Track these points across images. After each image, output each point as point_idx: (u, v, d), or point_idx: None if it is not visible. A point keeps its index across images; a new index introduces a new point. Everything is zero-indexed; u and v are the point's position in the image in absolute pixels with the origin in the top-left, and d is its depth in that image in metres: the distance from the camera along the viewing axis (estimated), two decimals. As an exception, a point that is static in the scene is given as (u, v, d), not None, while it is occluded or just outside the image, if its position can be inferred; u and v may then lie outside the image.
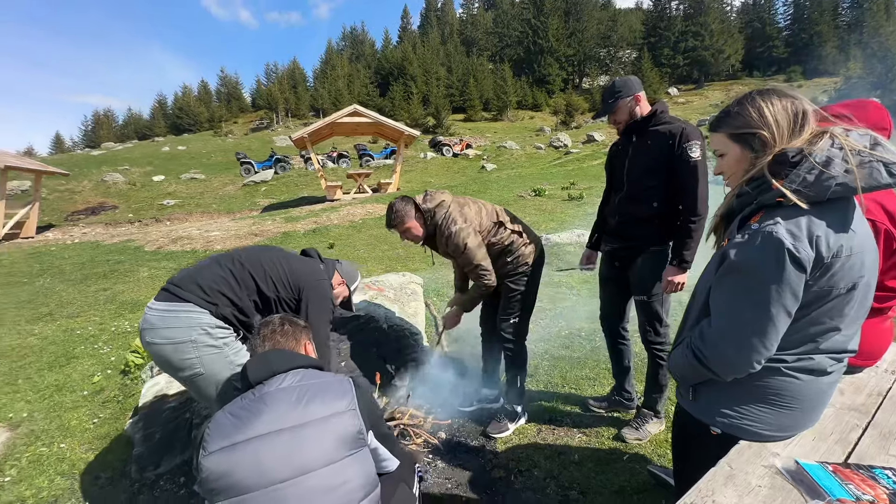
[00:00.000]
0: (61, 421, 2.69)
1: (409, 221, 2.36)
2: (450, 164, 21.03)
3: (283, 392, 1.27)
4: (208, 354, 1.72)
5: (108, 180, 18.88)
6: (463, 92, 46.48)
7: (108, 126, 57.69)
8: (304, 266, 2.02)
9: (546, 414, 2.66)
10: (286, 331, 1.49)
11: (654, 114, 2.13)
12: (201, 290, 1.76)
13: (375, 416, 1.40)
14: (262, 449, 1.16)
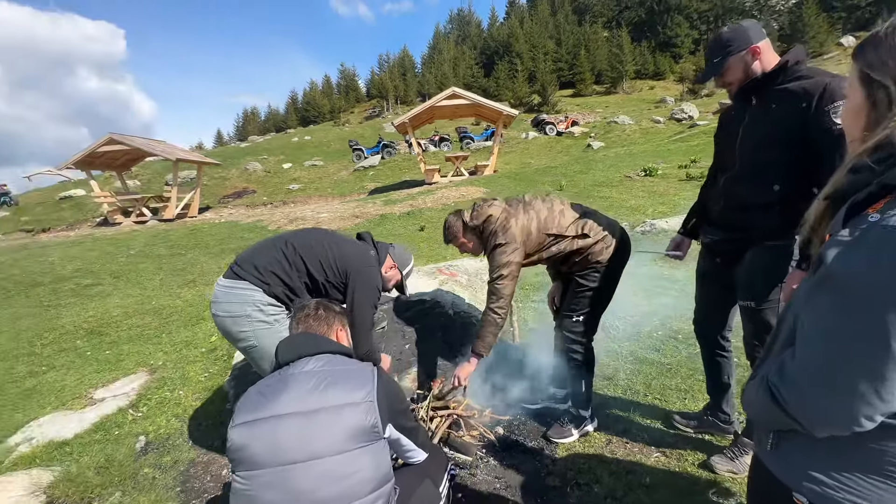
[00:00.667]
0: (183, 371, 3.23)
1: (461, 237, 2.33)
2: (552, 143, 19.98)
3: (304, 375, 1.29)
4: (261, 329, 1.86)
5: (250, 169, 22.13)
6: (573, 65, 43.51)
7: (253, 121, 67.59)
8: (354, 251, 2.05)
9: (620, 424, 2.36)
10: (319, 315, 1.51)
11: (783, 68, 1.61)
12: (256, 270, 1.89)
13: (397, 409, 1.36)
14: (278, 428, 1.19)
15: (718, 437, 2.16)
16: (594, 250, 2.16)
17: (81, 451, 2.39)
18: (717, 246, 1.92)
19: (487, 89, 44.36)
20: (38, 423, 2.70)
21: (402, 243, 2.80)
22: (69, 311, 5.08)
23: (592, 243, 2.15)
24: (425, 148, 20.93)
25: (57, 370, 3.58)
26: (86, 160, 14.08)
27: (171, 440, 2.50)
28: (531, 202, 2.26)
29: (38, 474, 2.18)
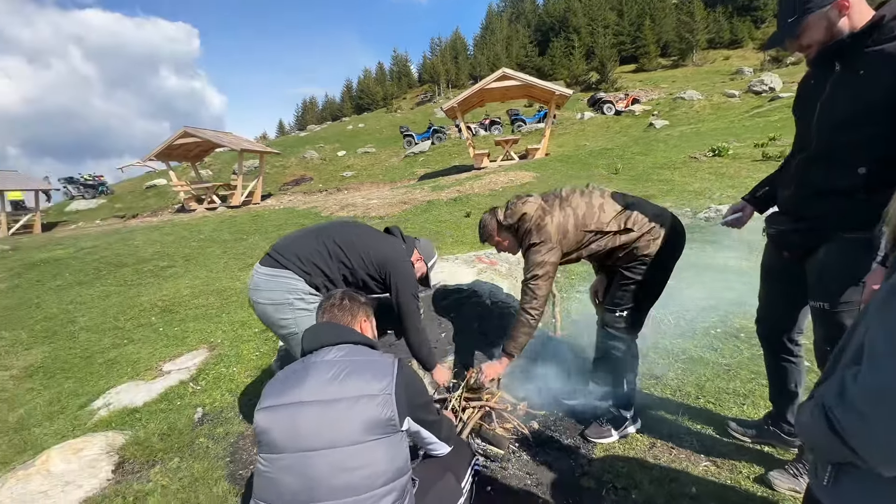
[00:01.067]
0: (238, 350, 3.47)
1: (496, 236, 2.27)
2: (610, 123, 18.86)
3: (325, 364, 1.31)
4: (302, 316, 1.92)
5: (307, 157, 23.14)
6: (635, 38, 40.52)
7: (311, 111, 70.43)
8: (388, 245, 2.09)
9: (665, 427, 2.20)
10: (344, 305, 1.52)
11: (878, 24, 1.31)
12: (299, 260, 1.95)
13: (416, 402, 1.34)
14: (297, 415, 1.22)
15: (780, 450, 1.94)
16: (639, 244, 1.99)
17: (149, 418, 2.66)
18: (786, 237, 1.68)
19: (542, 69, 42.66)
20: (116, 391, 3.04)
21: (426, 237, 2.77)
22: (147, 290, 5.64)
23: (637, 237, 1.99)
24: (475, 132, 20.65)
25: (135, 343, 4.00)
26: (164, 152, 15.44)
27: (223, 413, 2.70)
28: (568, 197, 2.12)
29: (113, 436, 2.45)
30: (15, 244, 11.25)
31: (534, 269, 2.05)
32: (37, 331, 4.64)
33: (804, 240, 1.59)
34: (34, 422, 2.88)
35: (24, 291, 6.32)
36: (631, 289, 2.04)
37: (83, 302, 5.47)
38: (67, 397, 3.13)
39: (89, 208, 19.96)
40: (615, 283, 2.12)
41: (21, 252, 9.68)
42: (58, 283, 6.53)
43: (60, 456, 2.22)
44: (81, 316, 4.93)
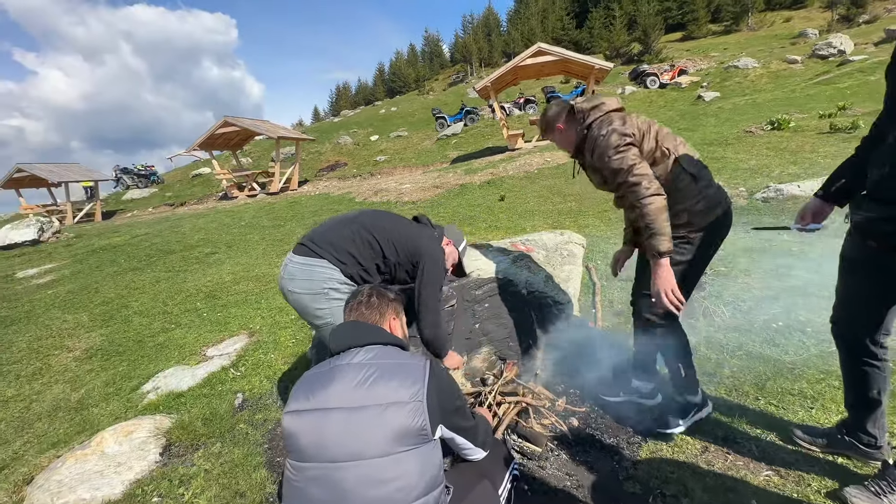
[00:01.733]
0: (276, 336, 3.54)
1: (559, 122, 2.02)
2: (653, 97, 17.74)
3: (352, 368, 1.24)
4: (338, 306, 1.88)
5: (341, 142, 23.39)
6: (683, 4, 37.63)
7: (345, 96, 70.94)
8: (420, 232, 2.02)
9: (720, 430, 2.02)
10: (372, 303, 1.45)
11: None
12: (334, 249, 1.91)
13: (450, 408, 1.26)
14: (323, 423, 1.16)
15: (857, 463, 1.73)
16: (693, 208, 1.81)
17: (193, 403, 2.76)
18: (875, 226, 1.45)
19: (579, 42, 40.62)
20: (164, 375, 3.19)
21: (459, 222, 2.65)
22: (193, 276, 5.91)
23: (696, 193, 1.81)
24: (509, 112, 20.06)
25: (182, 328, 4.19)
26: (207, 142, 16.02)
27: (262, 399, 2.76)
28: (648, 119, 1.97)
29: (161, 419, 2.56)
30: (79, 231, 12.14)
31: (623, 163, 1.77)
32: (96, 314, 4.97)
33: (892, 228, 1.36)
34: (92, 402, 3.08)
35: (85, 277, 6.80)
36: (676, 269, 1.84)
37: (136, 287, 5.80)
38: (121, 380, 3.32)
39: (143, 197, 21.22)
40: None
41: (83, 239, 10.44)
42: (114, 269, 6.97)
43: (113, 438, 2.34)
44: (135, 301, 5.23)
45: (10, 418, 3.09)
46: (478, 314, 2.82)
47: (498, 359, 2.87)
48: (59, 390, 3.38)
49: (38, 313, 5.32)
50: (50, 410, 3.08)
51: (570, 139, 2.03)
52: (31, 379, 3.64)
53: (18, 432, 2.89)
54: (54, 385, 3.48)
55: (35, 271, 7.74)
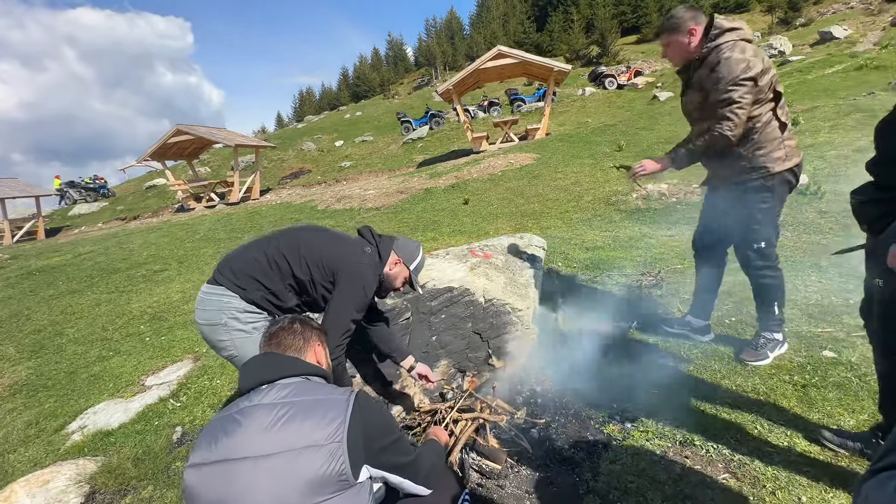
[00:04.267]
0: (223, 360, 3.29)
1: (693, 25, 2.00)
2: (612, 98, 18.26)
3: (261, 410, 1.07)
4: (239, 338, 1.73)
5: (305, 149, 22.82)
6: (636, 7, 39.15)
7: (309, 101, 69.49)
8: (344, 249, 1.82)
9: (678, 433, 1.97)
10: (294, 329, 1.30)
11: None
12: (232, 274, 1.74)
13: (378, 446, 1.11)
14: (227, 477, 1.00)
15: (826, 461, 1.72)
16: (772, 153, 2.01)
17: (123, 442, 2.50)
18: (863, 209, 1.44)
19: (540, 45, 41.51)
20: (94, 411, 2.89)
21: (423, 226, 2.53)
22: (139, 297, 5.51)
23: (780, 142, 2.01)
24: (473, 114, 20.14)
25: (121, 355, 3.86)
26: (159, 151, 15.24)
27: (204, 431, 2.54)
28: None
29: (84, 464, 2.30)
30: (16, 252, 11.21)
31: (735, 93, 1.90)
32: (25, 345, 4.53)
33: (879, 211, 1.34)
34: (9, 447, 2.75)
35: (16, 302, 6.23)
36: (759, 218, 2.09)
37: (74, 312, 5.35)
38: (46, 419, 3.00)
39: (91, 211, 19.94)
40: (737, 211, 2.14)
41: (20, 260, 9.63)
42: (51, 292, 6.43)
43: (25, 490, 2.07)
44: (71, 327, 4.81)
45: (-89, 472, 2.72)
46: (434, 326, 2.70)
47: (457, 371, 2.78)
48: (-27, 435, 3.01)
49: (-43, 347, 4.81)
50: (-40, 459, 2.73)
51: (690, 48, 2.02)
52: (-58, 424, 3.25)
53: (-81, 488, 2.54)
54: (-32, 429, 3.11)
55: (-41, 299, 7.04)
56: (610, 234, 4.75)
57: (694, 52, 2.02)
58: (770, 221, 2.12)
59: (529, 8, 50.39)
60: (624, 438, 2.03)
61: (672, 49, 2.09)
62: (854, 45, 16.41)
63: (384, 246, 1.93)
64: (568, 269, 3.89)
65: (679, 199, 5.38)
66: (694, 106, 2.15)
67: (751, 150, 2.04)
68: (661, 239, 4.35)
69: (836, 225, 3.84)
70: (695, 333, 2.59)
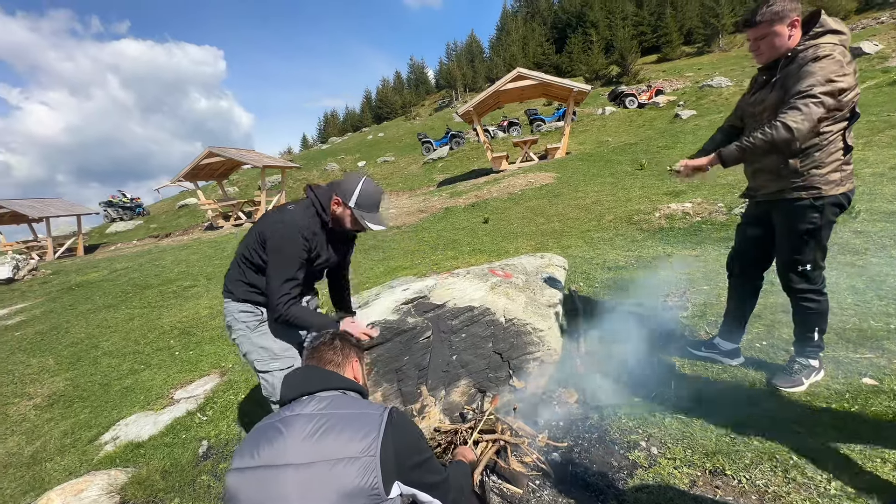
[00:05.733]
0: (248, 375, 3.38)
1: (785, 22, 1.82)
2: (633, 117, 18.18)
3: (301, 419, 1.13)
4: (240, 337, 1.95)
5: (329, 169, 23.50)
6: (656, 28, 39.36)
7: (333, 123, 71.83)
8: (269, 216, 1.90)
9: (708, 461, 1.90)
10: (335, 345, 1.38)
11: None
12: (226, 283, 1.98)
13: (410, 463, 1.13)
14: (268, 483, 1.05)
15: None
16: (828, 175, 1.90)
17: (152, 454, 2.58)
18: None
19: (559, 66, 42.00)
20: (126, 423, 2.99)
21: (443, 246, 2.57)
22: (169, 312, 5.71)
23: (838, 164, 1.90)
24: (493, 134, 20.39)
25: (152, 369, 4.00)
26: (192, 172, 15.97)
27: (229, 446, 2.59)
28: None
29: (115, 475, 2.37)
30: (58, 267, 11.83)
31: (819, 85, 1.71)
32: (63, 357, 4.74)
33: None
34: (46, 456, 2.87)
35: (56, 316, 6.55)
36: (807, 240, 2.00)
37: (109, 326, 5.58)
38: (81, 429, 3.12)
39: (127, 229, 20.92)
40: (787, 228, 2.04)
41: (61, 276, 10.15)
42: (88, 306, 6.73)
43: (61, 498, 2.15)
44: (105, 340, 5.02)
45: (-44, 477, 2.86)
46: (455, 345, 2.71)
47: (477, 391, 2.76)
48: (13, 443, 3.15)
49: (1, 358, 5.07)
50: (1, 467, 2.86)
51: (788, 42, 1.85)
52: (-14, 431, 3.41)
53: (-37, 493, 2.66)
54: (9, 437, 3.25)
55: (4, 312, 7.45)
56: (633, 253, 4.69)
57: (791, 46, 1.84)
58: (817, 244, 2.01)
59: (548, 31, 51.27)
60: (650, 465, 1.97)
61: (767, 42, 1.87)
62: (886, 60, 15.97)
63: (322, 193, 1.92)
64: (590, 288, 3.85)
65: (704, 218, 5.28)
66: (765, 106, 1.96)
67: (807, 167, 1.91)
68: (687, 259, 4.26)
69: (873, 245, 3.69)
70: (724, 357, 2.50)
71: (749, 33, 1.94)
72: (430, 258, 5.68)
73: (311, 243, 1.86)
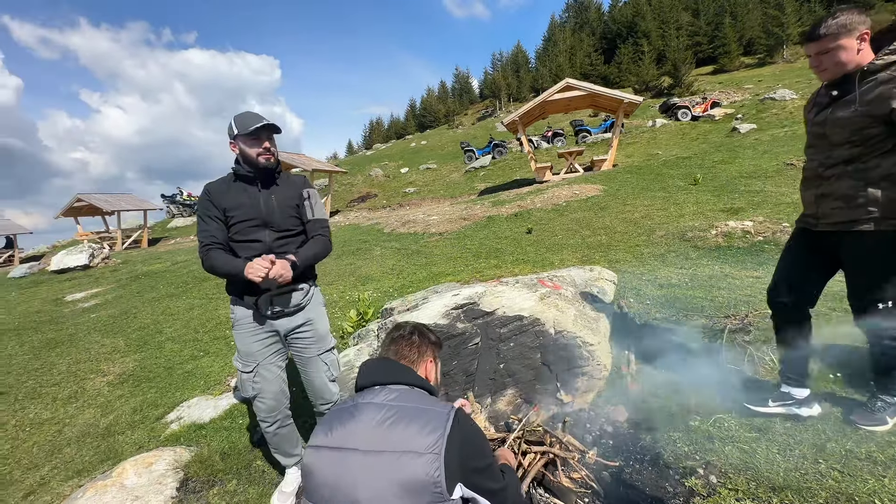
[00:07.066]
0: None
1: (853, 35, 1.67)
2: (686, 130, 17.46)
3: (372, 407, 1.19)
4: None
5: (373, 175, 24.14)
6: (713, 38, 37.72)
7: (378, 130, 73.84)
8: None
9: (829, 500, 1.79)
10: (413, 341, 1.43)
11: None
12: None
13: (474, 466, 1.15)
14: (339, 463, 1.11)
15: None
16: None
17: (212, 436, 2.74)
18: None
19: (608, 77, 41.13)
20: (188, 405, 3.20)
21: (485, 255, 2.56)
22: (224, 304, 6.05)
23: None
24: (537, 145, 20.22)
25: (210, 356, 4.25)
26: (247, 174, 16.91)
27: (269, 442, 2.71)
28: None
29: (180, 452, 2.54)
30: (126, 257, 12.85)
31: None
32: (132, 339, 5.14)
33: None
34: (119, 429, 3.12)
35: (126, 301, 7.11)
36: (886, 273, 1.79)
37: (171, 313, 6.00)
38: (148, 407, 3.37)
39: (185, 225, 22.40)
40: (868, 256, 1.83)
41: (129, 265, 11.02)
42: (153, 294, 7.27)
43: (134, 469, 2.34)
44: (169, 327, 5.40)
45: (42, 441, 3.17)
46: (503, 353, 2.71)
47: (524, 402, 2.74)
48: (90, 415, 3.45)
49: (79, 336, 5.57)
50: (79, 436, 3.14)
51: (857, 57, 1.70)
52: (66, 402, 3.75)
53: (48, 457, 2.94)
54: (86, 409, 3.57)
55: (82, 295, 8.18)
56: (687, 271, 4.49)
57: (861, 61, 1.70)
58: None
59: (597, 41, 50.37)
60: (709, 494, 1.88)
61: (831, 57, 1.72)
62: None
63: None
64: (641, 305, 3.72)
65: (767, 237, 4.98)
66: (848, 127, 1.77)
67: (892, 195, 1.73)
68: (747, 280, 4.03)
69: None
70: (799, 407, 2.15)
71: (810, 48, 1.78)
72: (473, 266, 5.70)
73: (212, 195, 1.92)
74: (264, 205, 1.94)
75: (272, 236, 1.95)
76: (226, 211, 1.90)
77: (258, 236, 1.92)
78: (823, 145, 1.89)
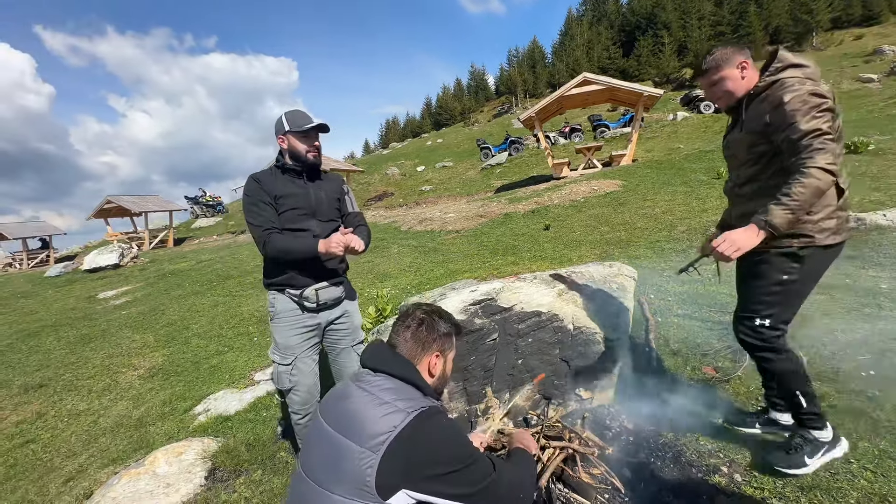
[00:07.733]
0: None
1: (733, 65, 1.75)
2: (707, 123, 17.00)
3: (355, 390, 1.22)
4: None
5: (389, 173, 24.31)
6: (737, 27, 36.53)
7: (394, 129, 74.32)
8: None
9: (804, 497, 1.75)
10: (419, 334, 1.35)
11: None
12: None
13: (430, 472, 1.08)
14: (317, 437, 1.19)
15: None
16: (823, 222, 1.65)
17: (238, 428, 2.83)
18: None
19: (626, 70, 40.34)
20: (214, 398, 3.31)
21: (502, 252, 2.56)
22: (247, 301, 6.22)
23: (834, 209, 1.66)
24: (554, 141, 20.00)
25: (234, 351, 4.38)
26: (267, 174, 17.26)
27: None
28: None
29: (208, 442, 2.63)
30: (153, 257, 13.30)
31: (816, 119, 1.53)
32: (160, 335, 5.33)
33: None
34: (150, 420, 3.25)
35: (154, 299, 7.37)
36: (775, 291, 1.74)
37: (197, 310, 6.19)
38: (177, 400, 3.50)
39: (209, 225, 23.02)
40: (755, 276, 1.81)
41: (156, 264, 11.40)
42: (179, 292, 7.51)
43: (165, 458, 2.43)
44: (195, 323, 5.57)
45: (80, 431, 3.33)
46: (521, 349, 2.71)
47: (542, 398, 2.73)
48: (123, 407, 3.60)
49: (112, 332, 5.81)
50: (114, 426, 3.28)
51: (743, 83, 1.77)
52: (101, 395, 3.93)
53: (85, 446, 3.09)
54: (120, 401, 3.72)
55: (113, 293, 8.52)
56: (709, 267, 4.39)
57: (748, 86, 1.77)
58: (788, 301, 1.76)
59: (615, 34, 49.41)
60: (733, 492, 1.84)
61: (721, 87, 1.81)
62: None
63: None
64: (662, 301, 3.66)
65: (794, 232, 4.82)
66: (743, 146, 1.81)
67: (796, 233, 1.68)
68: (773, 276, 3.91)
69: None
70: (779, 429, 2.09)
71: (701, 82, 1.90)
72: (490, 263, 5.70)
73: (263, 183, 1.98)
74: (314, 196, 2.05)
75: (319, 226, 2.04)
76: (276, 198, 1.97)
77: (306, 225, 2.00)
78: (734, 165, 1.96)
